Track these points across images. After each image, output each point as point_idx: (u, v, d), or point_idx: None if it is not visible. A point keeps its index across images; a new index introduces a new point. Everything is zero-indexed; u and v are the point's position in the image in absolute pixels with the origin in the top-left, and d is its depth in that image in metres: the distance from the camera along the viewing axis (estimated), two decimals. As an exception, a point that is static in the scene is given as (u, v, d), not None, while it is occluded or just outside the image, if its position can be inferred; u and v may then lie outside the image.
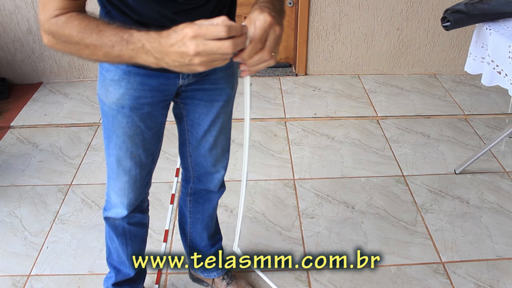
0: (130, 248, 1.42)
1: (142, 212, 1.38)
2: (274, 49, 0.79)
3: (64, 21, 0.83)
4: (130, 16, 0.96)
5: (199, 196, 1.45)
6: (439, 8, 2.88)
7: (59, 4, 0.84)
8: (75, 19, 0.83)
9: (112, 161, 1.21)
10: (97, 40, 0.80)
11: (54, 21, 0.84)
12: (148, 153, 1.21)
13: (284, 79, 3.07)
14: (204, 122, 1.24)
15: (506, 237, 1.89)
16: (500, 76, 1.76)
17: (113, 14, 0.98)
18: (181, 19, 0.96)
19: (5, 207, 2.04)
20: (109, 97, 1.10)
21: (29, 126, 2.60)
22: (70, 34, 0.82)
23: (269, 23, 0.77)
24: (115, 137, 1.16)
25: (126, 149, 1.17)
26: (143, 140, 1.17)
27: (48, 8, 0.84)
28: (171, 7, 0.95)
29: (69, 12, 0.84)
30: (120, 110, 1.11)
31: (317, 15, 2.89)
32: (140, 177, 1.24)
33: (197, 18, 0.75)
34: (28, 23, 2.81)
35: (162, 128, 1.23)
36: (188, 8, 0.97)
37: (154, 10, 0.94)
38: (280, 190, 2.14)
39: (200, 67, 0.75)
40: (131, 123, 1.13)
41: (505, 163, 2.31)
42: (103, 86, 1.10)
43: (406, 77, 3.11)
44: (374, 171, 2.25)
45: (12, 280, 1.72)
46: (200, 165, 1.35)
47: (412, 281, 1.71)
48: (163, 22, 0.96)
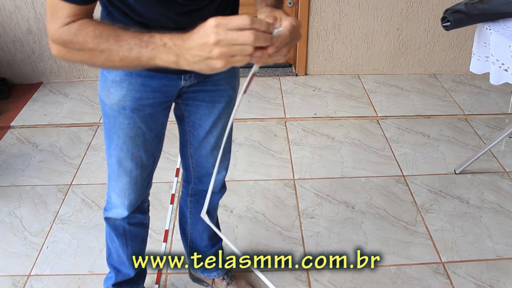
0: (130, 248, 1.42)
1: (142, 213, 1.38)
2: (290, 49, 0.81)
3: (78, 28, 0.82)
4: (131, 17, 0.96)
5: (200, 196, 1.45)
6: (439, 8, 2.88)
7: (70, 11, 0.82)
8: (88, 26, 0.81)
9: (113, 162, 1.21)
10: (113, 45, 0.79)
11: (66, 29, 0.82)
12: (149, 154, 1.21)
13: (284, 79, 3.07)
14: (206, 123, 1.24)
15: (506, 237, 1.89)
16: (507, 74, 1.76)
17: (114, 15, 0.97)
18: (184, 21, 0.97)
19: (5, 207, 2.04)
20: (110, 98, 1.10)
21: (29, 126, 2.60)
22: (85, 41, 0.81)
23: (299, 24, 0.79)
24: (116, 138, 1.16)
25: (127, 150, 1.17)
26: (145, 141, 1.17)
27: (58, 17, 0.82)
28: (173, 9, 0.94)
29: (81, 18, 0.83)
30: (121, 111, 1.11)
31: (317, 15, 2.89)
32: (141, 178, 1.24)
33: (200, 20, 0.74)
34: (28, 23, 2.81)
35: (164, 129, 1.23)
36: (190, 10, 0.96)
37: (156, 11, 0.94)
38: (280, 190, 2.14)
39: (219, 61, 0.71)
40: (133, 124, 1.12)
41: (505, 163, 2.31)
42: (105, 87, 1.10)
43: (406, 77, 3.11)
44: (374, 171, 2.25)
45: (12, 280, 1.72)
46: (201, 166, 1.35)
47: (412, 281, 1.71)
48: (165, 23, 0.96)
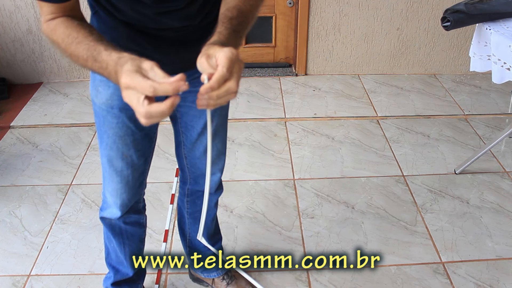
0: (128, 247, 1.42)
1: (137, 213, 1.38)
2: (239, 82, 0.75)
3: (53, 28, 0.87)
4: (115, 16, 0.97)
5: (196, 197, 1.44)
6: (439, 8, 2.88)
7: (48, 9, 0.87)
8: (60, 27, 0.86)
9: (104, 161, 1.21)
10: (75, 51, 0.84)
11: (46, 26, 0.88)
12: (140, 153, 1.21)
13: (284, 79, 3.07)
14: (198, 125, 1.23)
15: (506, 237, 1.89)
16: (510, 73, 1.76)
17: (101, 14, 1.00)
18: (164, 20, 0.97)
19: (5, 207, 2.04)
20: (99, 97, 1.10)
21: (29, 126, 2.60)
22: (57, 41, 0.87)
23: (235, 55, 0.73)
24: (106, 138, 1.15)
25: (117, 150, 1.17)
26: (134, 140, 1.17)
27: (42, 13, 0.88)
28: (151, 9, 0.95)
29: (60, 16, 0.87)
30: (109, 110, 1.11)
31: (317, 15, 2.89)
32: (133, 178, 1.24)
33: (179, 20, 0.74)
34: (28, 23, 2.81)
35: (154, 129, 1.23)
36: (168, 11, 0.96)
37: (135, 10, 0.95)
38: (280, 190, 2.14)
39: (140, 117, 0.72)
40: (121, 123, 1.12)
41: (505, 163, 2.31)
42: (94, 86, 1.11)
43: (406, 77, 3.11)
44: (374, 171, 2.25)
45: (12, 280, 1.72)
46: (196, 167, 1.34)
47: (412, 281, 1.71)
48: (146, 22, 0.98)
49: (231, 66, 0.72)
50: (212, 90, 0.71)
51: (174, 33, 1.01)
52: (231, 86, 0.72)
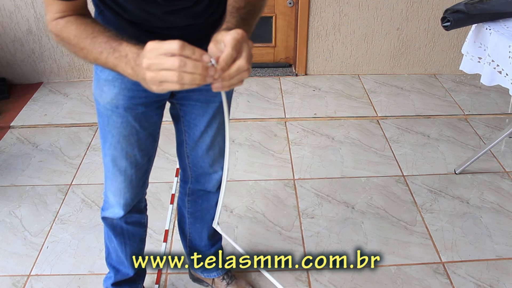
0: (129, 247, 1.42)
1: (139, 212, 1.38)
2: (250, 60, 0.76)
3: (63, 25, 0.88)
4: (121, 16, 0.97)
5: (197, 196, 1.45)
6: (439, 8, 2.88)
7: (58, 7, 0.87)
8: (72, 24, 0.87)
9: (107, 161, 1.21)
10: (89, 45, 0.84)
11: (54, 23, 0.89)
12: (144, 153, 1.21)
13: (284, 79, 3.07)
14: (201, 123, 1.23)
15: (506, 237, 1.89)
16: (500, 76, 1.76)
17: (106, 14, 0.99)
18: (170, 18, 0.98)
19: (5, 207, 2.04)
20: (103, 97, 1.10)
21: (29, 126, 2.60)
22: (68, 37, 0.87)
23: (242, 34, 0.74)
24: (110, 137, 1.16)
25: (121, 149, 1.17)
26: (138, 140, 1.17)
27: (49, 11, 0.89)
28: (158, 7, 0.95)
29: (68, 15, 0.88)
30: (114, 110, 1.11)
31: (317, 15, 2.89)
32: (136, 177, 1.24)
33: (185, 18, 0.75)
34: (28, 23, 2.81)
35: (158, 128, 1.23)
36: (177, 9, 0.97)
37: (143, 10, 0.95)
38: (280, 190, 2.14)
39: (152, 84, 0.73)
40: (126, 123, 1.12)
41: (505, 163, 2.31)
42: (98, 86, 1.11)
43: (406, 77, 3.11)
44: (374, 171, 2.25)
45: (12, 280, 1.72)
46: (198, 165, 1.35)
47: (412, 281, 1.71)
48: (153, 21, 0.98)
49: (237, 45, 0.73)
50: (222, 70, 0.72)
51: (179, 32, 1.02)
52: (241, 64, 0.74)
